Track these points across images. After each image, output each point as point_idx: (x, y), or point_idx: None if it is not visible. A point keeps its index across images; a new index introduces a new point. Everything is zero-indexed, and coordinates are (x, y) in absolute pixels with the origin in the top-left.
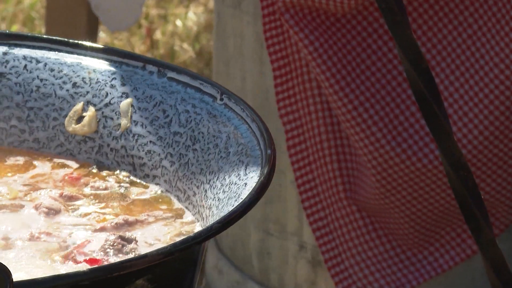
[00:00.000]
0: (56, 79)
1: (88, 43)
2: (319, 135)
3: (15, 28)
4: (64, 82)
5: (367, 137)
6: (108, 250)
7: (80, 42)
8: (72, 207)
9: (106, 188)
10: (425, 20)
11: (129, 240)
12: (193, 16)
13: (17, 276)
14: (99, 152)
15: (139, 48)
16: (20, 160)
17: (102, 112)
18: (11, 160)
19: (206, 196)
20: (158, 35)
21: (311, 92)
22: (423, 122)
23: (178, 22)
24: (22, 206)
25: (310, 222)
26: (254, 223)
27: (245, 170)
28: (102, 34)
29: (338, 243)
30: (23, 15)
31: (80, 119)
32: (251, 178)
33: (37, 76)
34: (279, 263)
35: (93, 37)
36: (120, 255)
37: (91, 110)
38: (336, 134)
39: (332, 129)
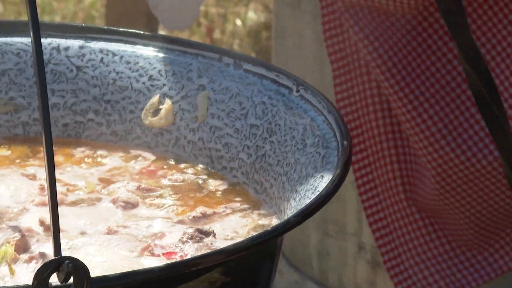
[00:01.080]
0: (132, 72)
1: (164, 36)
2: (379, 136)
3: None
4: (140, 75)
5: (426, 138)
6: (186, 243)
7: (156, 34)
8: (149, 199)
9: (183, 181)
10: (484, 21)
11: (206, 233)
12: (253, 15)
13: (95, 271)
14: (176, 144)
15: None
16: (98, 153)
17: (179, 105)
18: (88, 153)
19: (284, 188)
20: (217, 34)
21: (370, 92)
22: (483, 123)
23: (238, 21)
24: (99, 200)
25: (370, 222)
26: (314, 224)
27: (322, 162)
28: (161, 32)
29: (398, 244)
30: (83, 14)
31: (156, 112)
32: (328, 170)
33: (114, 69)
34: (338, 263)
35: None
36: (198, 248)
37: (168, 102)
38: (395, 134)
39: (391, 129)
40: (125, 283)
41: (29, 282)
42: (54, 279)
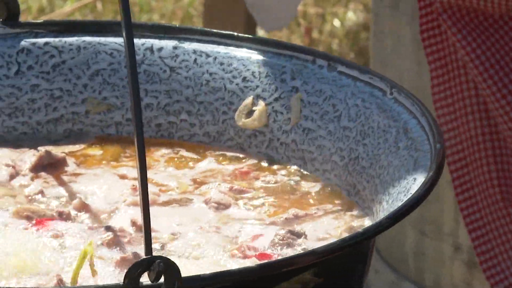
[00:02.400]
0: (226, 73)
1: (258, 37)
2: (476, 137)
3: None
4: (234, 76)
5: None
6: (278, 244)
7: (250, 36)
8: (242, 201)
9: (276, 182)
10: None
11: (298, 235)
12: (352, 16)
13: (186, 271)
14: (269, 146)
15: None
16: (190, 154)
17: (272, 107)
18: (180, 154)
19: (376, 190)
20: (316, 34)
21: (468, 93)
22: None
23: (337, 22)
24: (191, 200)
25: (467, 223)
26: (410, 224)
27: (415, 164)
28: (260, 32)
29: (494, 245)
30: (181, 13)
31: (250, 113)
32: (420, 173)
33: (207, 70)
34: (435, 264)
35: (251, 35)
36: (290, 249)
37: (261, 104)
38: (493, 136)
39: (489, 130)
40: (217, 283)
41: (120, 281)
42: (145, 279)
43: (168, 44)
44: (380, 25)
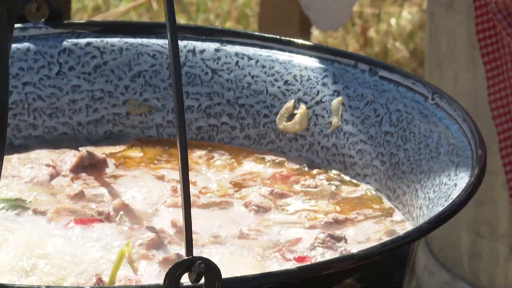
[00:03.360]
0: (268, 76)
1: (299, 41)
2: None
3: (229, 25)
4: (275, 80)
5: None
6: (318, 248)
7: (291, 39)
8: (282, 204)
9: (316, 186)
10: None
11: (338, 239)
12: (407, 15)
13: (226, 273)
14: (310, 150)
15: (353, 46)
16: (230, 157)
17: (313, 110)
18: (221, 157)
19: (417, 195)
20: (372, 33)
21: None
22: None
23: (392, 21)
24: (231, 203)
25: None
26: (465, 225)
27: (456, 170)
28: (315, 32)
29: None
30: (237, 13)
31: (291, 116)
32: (461, 179)
33: (249, 73)
34: (490, 264)
35: (306, 35)
36: (330, 253)
37: (302, 107)
38: None
39: None
40: (257, 285)
41: (160, 282)
42: (185, 279)
43: (210, 46)
44: (435, 25)
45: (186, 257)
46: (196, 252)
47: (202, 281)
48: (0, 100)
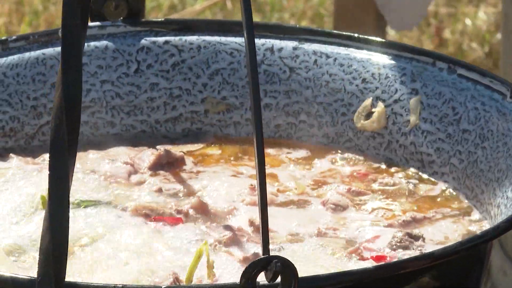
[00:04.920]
0: (346, 74)
1: (377, 39)
2: None
3: (304, 25)
4: (353, 78)
5: None
6: (395, 247)
7: (369, 37)
8: (359, 203)
9: (394, 185)
10: None
11: (416, 237)
12: (483, 16)
13: (303, 271)
14: (387, 148)
15: (428, 46)
16: (309, 155)
17: (392, 108)
18: (299, 155)
19: (495, 194)
20: (447, 33)
21: None
22: None
23: (468, 21)
24: (309, 202)
25: None
26: None
27: None
28: (390, 32)
29: None
30: (312, 12)
31: (369, 115)
32: None
33: (327, 71)
34: None
35: (381, 35)
36: (407, 252)
37: (380, 106)
38: None
39: None
40: (333, 284)
41: (237, 280)
42: (261, 278)
43: (288, 44)
44: (510, 25)
45: (262, 256)
46: (273, 251)
47: (279, 280)
48: (74, 98)
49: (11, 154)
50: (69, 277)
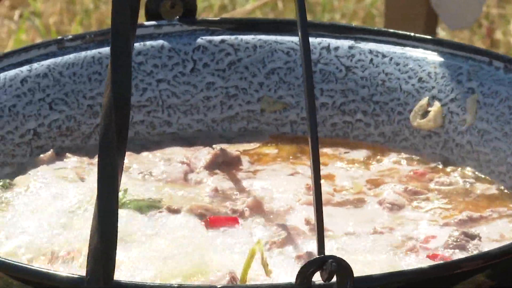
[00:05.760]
0: (402, 73)
1: (433, 38)
2: None
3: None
4: (409, 77)
5: None
6: (451, 246)
7: (425, 36)
8: (416, 202)
9: (450, 184)
10: None
11: (472, 237)
12: None
13: (358, 271)
14: (444, 147)
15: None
16: (365, 154)
17: (448, 107)
18: (355, 154)
19: None
20: (498, 34)
21: None
22: None
23: None
24: (365, 201)
25: None
26: None
27: None
28: (441, 32)
29: None
30: (363, 12)
31: (425, 114)
32: None
33: (383, 71)
34: None
35: (432, 35)
36: (463, 251)
37: (437, 105)
38: None
39: None
40: (389, 284)
41: (293, 280)
42: (317, 278)
43: (344, 43)
44: None
45: (318, 256)
46: (329, 250)
47: (334, 279)
48: (123, 98)
49: (67, 153)
50: (123, 275)
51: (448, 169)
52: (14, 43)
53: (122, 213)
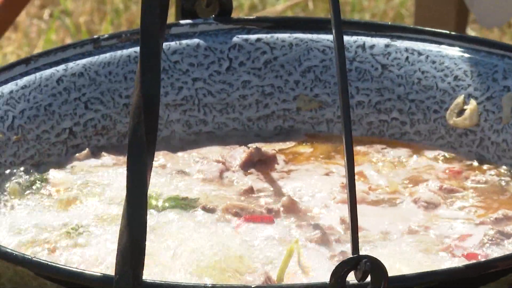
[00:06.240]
0: (438, 71)
1: (469, 36)
2: None
3: None
4: (445, 75)
5: None
6: (487, 244)
7: (461, 34)
8: (451, 200)
9: (486, 182)
10: None
11: (508, 235)
12: None
13: (393, 270)
14: (480, 145)
15: None
16: (401, 152)
17: (484, 106)
18: (391, 152)
19: None
20: None
21: None
22: None
23: None
24: (400, 200)
25: None
26: None
27: None
28: (471, 32)
29: None
30: (393, 12)
31: (461, 112)
32: None
33: (419, 69)
34: None
35: None
36: (498, 250)
37: (473, 103)
38: None
39: None
40: (424, 283)
41: (327, 279)
42: (351, 277)
43: (380, 41)
44: None
45: (352, 255)
46: (364, 249)
47: (369, 279)
48: (152, 97)
49: (103, 152)
50: (157, 273)
51: (484, 167)
52: (44, 42)
53: (157, 211)
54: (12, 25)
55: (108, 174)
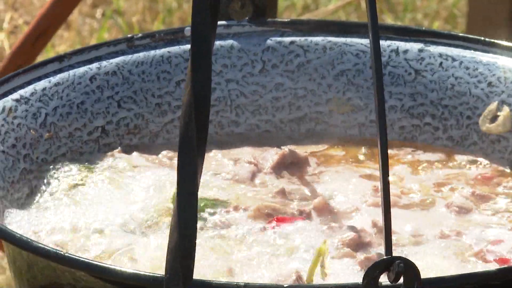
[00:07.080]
0: (471, 77)
1: (503, 42)
2: None
3: (437, 25)
4: (479, 81)
5: None
6: None
7: (496, 41)
8: (484, 206)
9: None
10: None
11: None
12: None
13: (425, 273)
14: None
15: None
16: (433, 157)
17: None
18: (423, 157)
19: None
20: None
21: None
22: None
23: None
24: (433, 204)
25: None
26: None
27: None
28: None
29: None
30: (446, 13)
31: (494, 118)
32: None
33: (452, 74)
34: None
35: None
36: None
37: (506, 110)
38: None
39: None
40: (457, 286)
41: (359, 281)
42: (384, 279)
43: (413, 46)
44: None
45: (385, 257)
46: (396, 252)
47: (401, 281)
48: (203, 97)
49: (135, 152)
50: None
51: None
52: (96, 41)
53: None
54: (65, 23)
55: (139, 174)
